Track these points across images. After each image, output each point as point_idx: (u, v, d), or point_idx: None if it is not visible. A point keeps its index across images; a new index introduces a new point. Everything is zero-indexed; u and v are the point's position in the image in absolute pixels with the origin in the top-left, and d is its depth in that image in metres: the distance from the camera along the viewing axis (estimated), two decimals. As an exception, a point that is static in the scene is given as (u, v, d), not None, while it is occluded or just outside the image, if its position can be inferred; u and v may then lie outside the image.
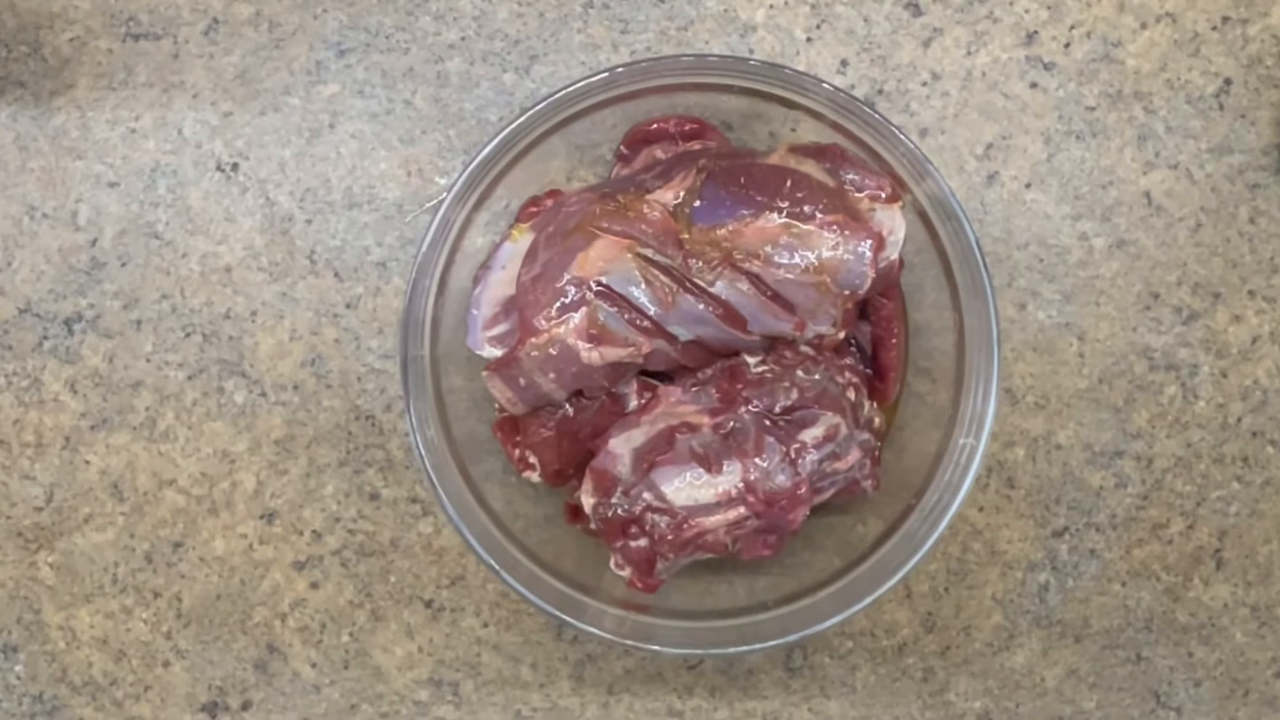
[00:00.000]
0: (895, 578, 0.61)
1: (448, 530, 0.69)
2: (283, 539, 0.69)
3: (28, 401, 0.69)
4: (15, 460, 0.69)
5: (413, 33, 0.68)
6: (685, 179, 0.61)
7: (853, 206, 0.61)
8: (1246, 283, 0.69)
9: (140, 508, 0.69)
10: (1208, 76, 0.68)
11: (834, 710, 0.70)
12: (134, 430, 0.69)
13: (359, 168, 0.68)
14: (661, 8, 0.68)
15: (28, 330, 0.69)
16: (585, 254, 0.60)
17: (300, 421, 0.69)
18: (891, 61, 0.68)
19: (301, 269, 0.68)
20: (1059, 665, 0.70)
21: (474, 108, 0.68)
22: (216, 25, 0.68)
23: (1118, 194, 0.68)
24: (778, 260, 0.60)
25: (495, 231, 0.65)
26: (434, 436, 0.62)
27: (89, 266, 0.69)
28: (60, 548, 0.69)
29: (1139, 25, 0.68)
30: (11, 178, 0.69)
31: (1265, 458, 0.69)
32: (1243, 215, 0.69)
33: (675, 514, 0.61)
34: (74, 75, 0.68)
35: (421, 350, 0.62)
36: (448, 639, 0.69)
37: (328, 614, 0.69)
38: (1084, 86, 0.68)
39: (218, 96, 0.68)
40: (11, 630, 0.70)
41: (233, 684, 0.70)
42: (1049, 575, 0.70)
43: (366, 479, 0.69)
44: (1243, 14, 0.68)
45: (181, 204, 0.68)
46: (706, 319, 0.60)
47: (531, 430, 0.64)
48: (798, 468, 0.60)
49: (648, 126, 0.65)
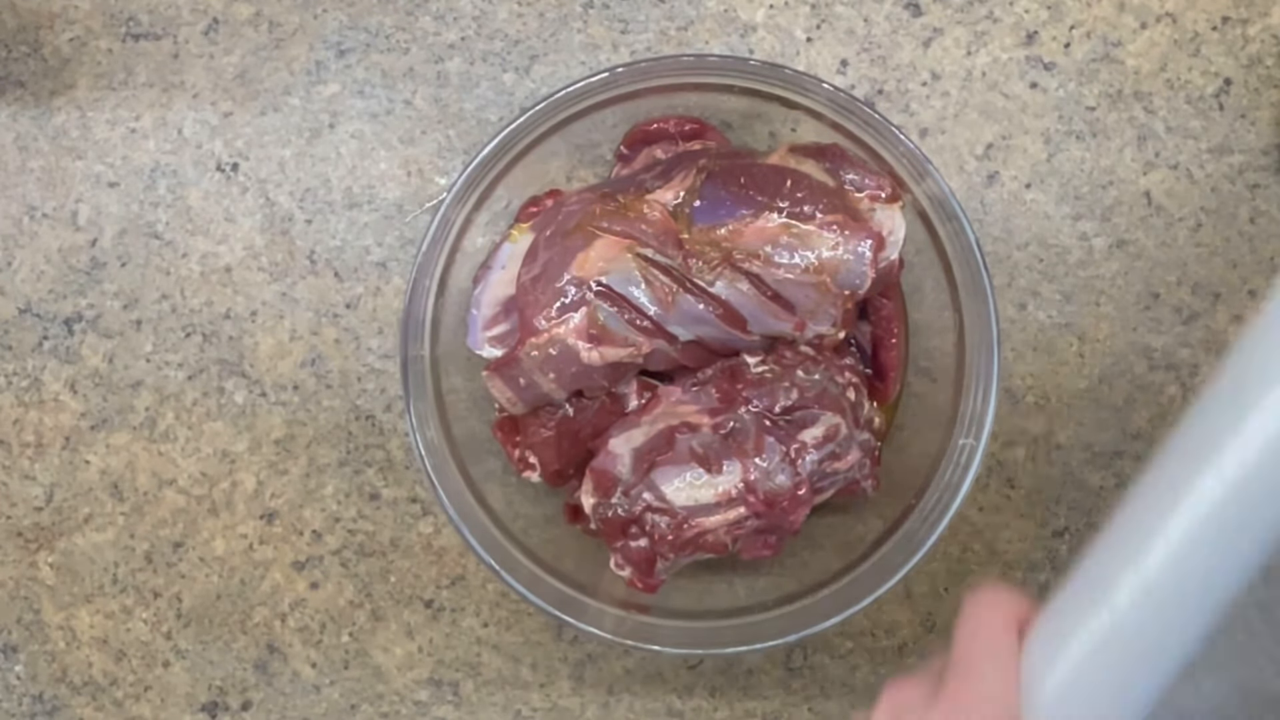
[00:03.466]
0: (895, 578, 0.61)
1: (448, 530, 0.69)
2: (283, 539, 0.69)
3: (28, 401, 0.69)
4: (15, 460, 0.69)
5: (413, 33, 0.68)
6: (685, 179, 0.61)
7: (853, 206, 0.61)
8: (1246, 283, 0.69)
9: (140, 508, 0.69)
10: (1208, 76, 0.68)
11: (834, 710, 0.70)
12: (134, 430, 0.69)
13: (359, 168, 0.68)
14: (661, 8, 0.68)
15: (28, 330, 0.69)
16: (585, 254, 0.60)
17: (300, 421, 0.69)
18: (891, 61, 0.68)
19: (301, 269, 0.68)
20: (1059, 665, 0.70)
21: (474, 108, 0.68)
22: (216, 25, 0.68)
23: (1118, 194, 0.68)
24: (778, 260, 0.60)
25: (495, 231, 0.65)
26: (434, 436, 0.62)
27: (89, 266, 0.69)
28: (60, 548, 0.69)
29: (1139, 25, 0.68)
30: (11, 178, 0.69)
31: (1265, 458, 0.69)
32: (1243, 215, 0.69)
33: (675, 514, 0.61)
34: (74, 75, 0.68)
35: (421, 350, 0.62)
36: (448, 639, 0.69)
37: (328, 614, 0.69)
38: (1084, 86, 0.68)
39: (218, 96, 0.68)
40: (11, 630, 0.70)
41: (233, 684, 0.70)
42: (1049, 575, 0.70)
43: (366, 479, 0.69)
44: (1243, 14, 0.68)
45: (181, 204, 0.69)
46: (706, 319, 0.60)
47: (531, 430, 0.64)
48: (798, 468, 0.60)
49: (648, 126, 0.65)
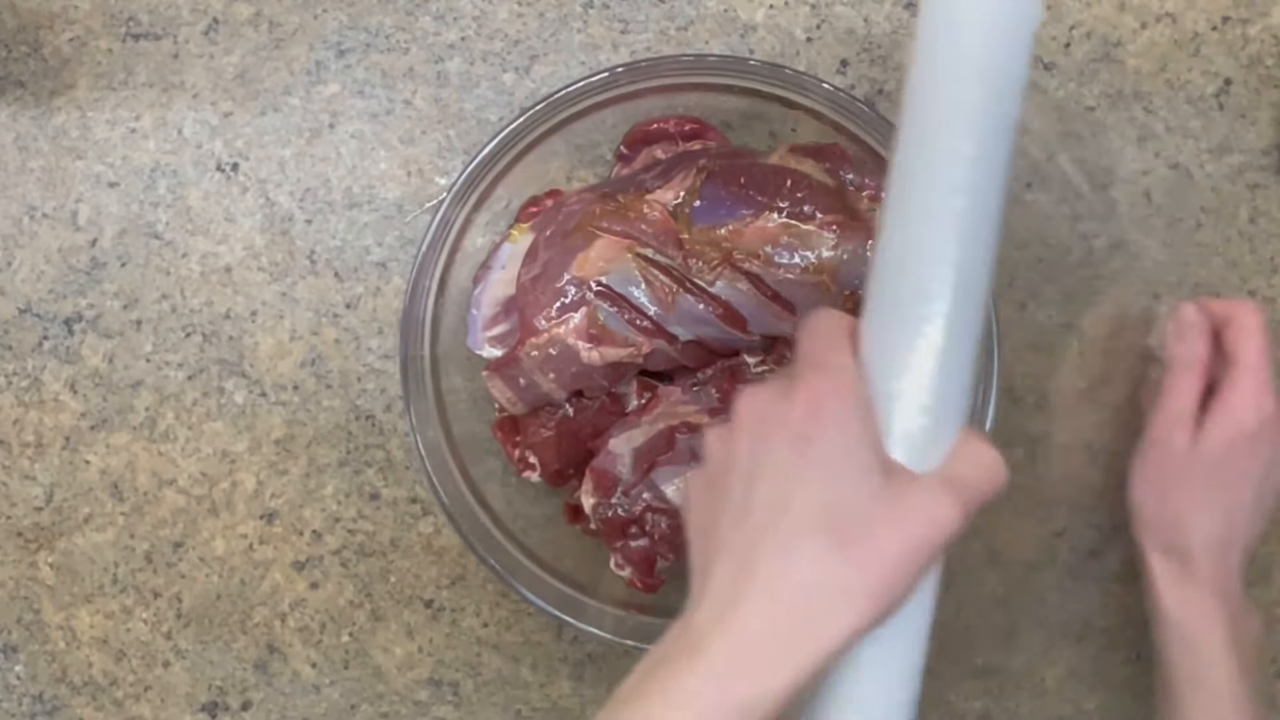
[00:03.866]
0: (895, 578, 0.61)
1: (448, 530, 0.69)
2: (283, 539, 0.69)
3: (28, 401, 0.69)
4: (15, 460, 0.69)
5: (413, 33, 0.68)
6: (685, 179, 0.61)
7: (853, 206, 0.61)
8: (1246, 283, 0.69)
9: (140, 508, 0.69)
10: (1208, 76, 0.68)
11: (834, 710, 0.70)
12: (134, 430, 0.69)
13: (359, 168, 0.68)
14: (661, 8, 0.68)
15: (28, 330, 0.69)
16: (585, 254, 0.60)
17: (300, 421, 0.69)
18: (892, 61, 0.68)
19: (301, 269, 0.68)
20: (1059, 665, 0.70)
21: (474, 108, 0.68)
22: (216, 25, 0.68)
23: (1118, 194, 0.68)
24: (778, 260, 0.60)
25: (495, 231, 0.65)
26: (434, 436, 0.62)
27: (89, 266, 0.69)
28: (60, 548, 0.69)
29: (1139, 25, 0.68)
30: (11, 178, 0.69)
31: (1265, 458, 0.69)
32: (1243, 215, 0.69)
33: (675, 514, 0.61)
34: (74, 75, 0.68)
35: (421, 350, 0.62)
36: (448, 639, 0.69)
37: (328, 614, 0.69)
38: (1084, 86, 0.68)
39: (218, 96, 0.68)
40: (11, 630, 0.70)
41: (233, 684, 0.70)
42: (1049, 575, 0.70)
43: (366, 479, 0.69)
44: (1243, 14, 0.68)
45: (181, 204, 0.69)
46: (706, 319, 0.60)
47: (531, 430, 0.64)
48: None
49: (648, 126, 0.65)
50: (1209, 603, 0.60)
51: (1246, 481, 0.61)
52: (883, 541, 0.43)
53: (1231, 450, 0.61)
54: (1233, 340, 0.62)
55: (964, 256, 0.46)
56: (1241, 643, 0.60)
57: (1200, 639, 0.60)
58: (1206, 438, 0.61)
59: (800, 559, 0.43)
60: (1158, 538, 0.62)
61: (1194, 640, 0.60)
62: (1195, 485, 0.61)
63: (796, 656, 0.42)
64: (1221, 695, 0.59)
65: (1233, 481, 0.61)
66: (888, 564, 0.43)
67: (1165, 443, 0.62)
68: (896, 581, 0.43)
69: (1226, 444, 0.61)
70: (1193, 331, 0.63)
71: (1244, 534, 0.61)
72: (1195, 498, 0.61)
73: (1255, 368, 0.61)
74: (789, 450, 0.44)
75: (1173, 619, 0.61)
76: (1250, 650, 0.61)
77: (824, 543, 0.43)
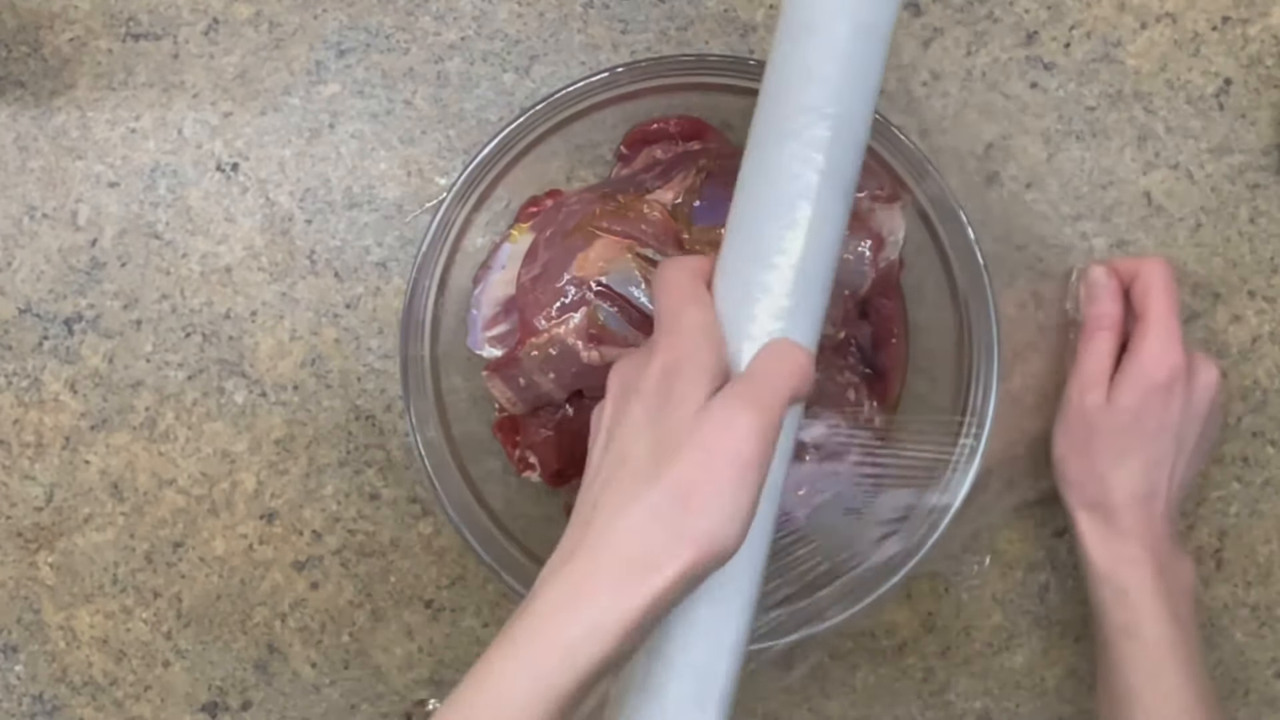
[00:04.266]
0: (895, 578, 0.61)
1: (448, 530, 0.69)
2: (283, 539, 0.69)
3: (28, 401, 0.69)
4: (15, 460, 0.69)
5: (413, 33, 0.68)
6: (685, 179, 0.61)
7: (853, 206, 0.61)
8: (1246, 283, 0.69)
9: (140, 508, 0.69)
10: (1208, 76, 0.68)
11: (834, 710, 0.70)
12: (134, 430, 0.69)
13: (359, 168, 0.68)
14: (661, 8, 0.68)
15: (28, 330, 0.69)
16: (585, 254, 0.60)
17: (300, 421, 0.69)
18: (891, 61, 0.68)
19: (301, 269, 0.68)
20: (1059, 665, 0.70)
21: (474, 108, 0.68)
22: (216, 25, 0.68)
23: (1118, 194, 0.68)
24: (778, 260, 0.60)
25: (495, 231, 0.65)
26: (434, 436, 0.62)
27: (89, 266, 0.69)
28: (60, 548, 0.69)
29: (1139, 25, 0.68)
30: (11, 178, 0.69)
31: (1265, 458, 0.69)
32: (1243, 215, 0.69)
33: (675, 514, 0.61)
34: (74, 75, 0.68)
35: (421, 350, 0.62)
36: (448, 639, 0.69)
37: (328, 614, 0.69)
38: (1084, 86, 0.68)
39: (218, 96, 0.68)
40: (11, 630, 0.70)
41: (233, 684, 0.70)
42: (1049, 575, 0.70)
43: (366, 479, 0.69)
44: (1243, 14, 0.68)
45: (181, 204, 0.68)
46: (706, 319, 0.60)
47: (531, 430, 0.64)
48: (797, 468, 0.60)
49: (648, 126, 0.65)
50: (1136, 554, 0.62)
51: (1163, 433, 0.62)
52: (688, 464, 0.44)
53: (1145, 404, 0.62)
54: (1140, 296, 0.64)
55: (825, 180, 0.48)
56: (1173, 591, 0.62)
57: (1130, 589, 0.61)
58: (1119, 394, 0.62)
59: (631, 505, 0.44)
60: (1082, 495, 0.64)
61: (1123, 590, 0.61)
62: (1113, 441, 0.63)
63: (621, 597, 0.43)
64: (1153, 642, 0.61)
65: (1149, 434, 0.62)
66: (701, 484, 0.43)
67: (1081, 402, 0.63)
68: (714, 504, 0.43)
69: (1139, 398, 0.62)
70: (1102, 292, 0.64)
71: (1166, 484, 0.63)
72: (1114, 453, 0.63)
73: (1163, 321, 0.62)
74: (642, 413, 0.46)
75: (1102, 572, 0.62)
76: (1183, 598, 0.62)
77: (648, 484, 0.44)
